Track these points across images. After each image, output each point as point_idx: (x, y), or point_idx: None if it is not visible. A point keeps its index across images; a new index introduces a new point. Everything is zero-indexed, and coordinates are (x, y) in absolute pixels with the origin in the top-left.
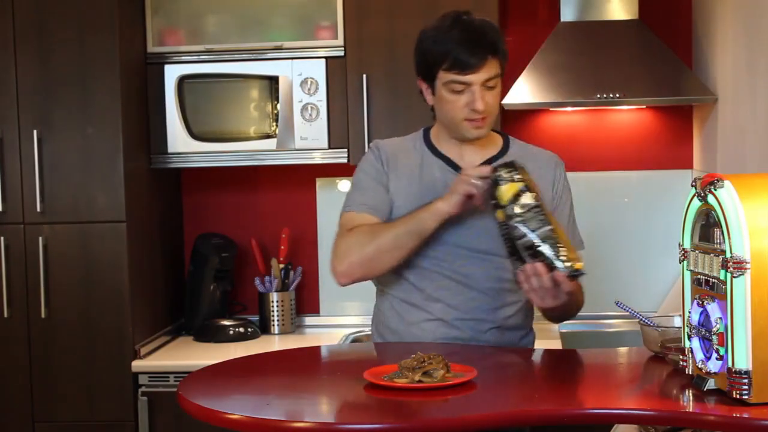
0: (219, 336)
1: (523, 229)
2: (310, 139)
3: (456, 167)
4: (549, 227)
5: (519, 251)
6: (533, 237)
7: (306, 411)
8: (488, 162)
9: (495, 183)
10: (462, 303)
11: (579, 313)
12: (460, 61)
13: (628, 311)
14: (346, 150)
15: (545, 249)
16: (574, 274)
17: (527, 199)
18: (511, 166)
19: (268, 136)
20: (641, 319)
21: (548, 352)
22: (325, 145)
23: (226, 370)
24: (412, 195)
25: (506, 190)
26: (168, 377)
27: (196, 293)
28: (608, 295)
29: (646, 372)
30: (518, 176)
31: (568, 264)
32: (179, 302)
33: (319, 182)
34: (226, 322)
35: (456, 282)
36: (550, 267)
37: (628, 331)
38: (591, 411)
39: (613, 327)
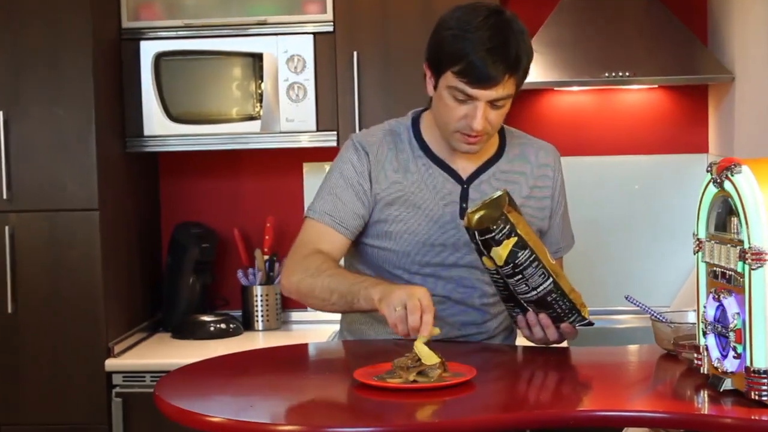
0: (199, 333)
1: (524, 286)
2: (296, 121)
3: (449, 170)
4: (551, 280)
5: (518, 300)
6: (537, 293)
7: (292, 413)
8: (487, 164)
9: (486, 243)
10: (453, 318)
11: None
12: (473, 72)
13: (638, 306)
14: (335, 133)
15: (551, 303)
16: (582, 324)
17: (524, 254)
18: (503, 220)
19: (251, 118)
20: (652, 315)
21: (553, 351)
22: (313, 128)
23: (206, 369)
24: (398, 198)
25: (502, 250)
26: (144, 377)
27: (174, 287)
28: (617, 289)
29: (658, 371)
30: (510, 230)
31: (575, 316)
32: (156, 296)
33: (307, 167)
34: (207, 318)
35: (444, 297)
36: (557, 319)
37: (639, 327)
38: (598, 413)
39: (623, 323)
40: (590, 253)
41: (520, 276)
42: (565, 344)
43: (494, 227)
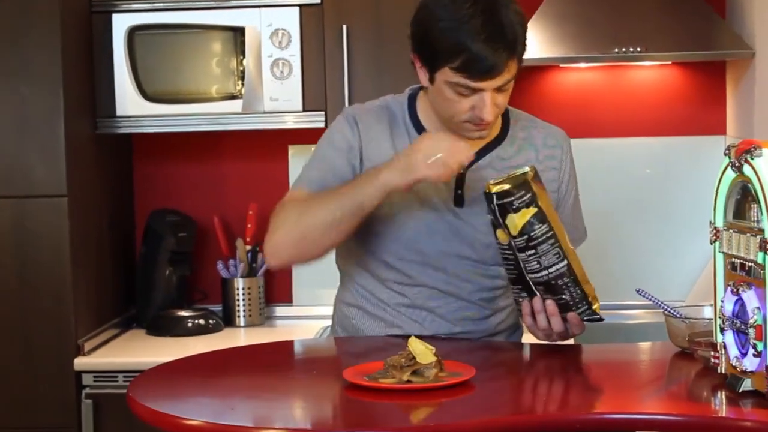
0: (175, 329)
1: (536, 264)
2: (281, 100)
3: None
4: (565, 263)
5: (527, 281)
6: (548, 273)
7: (276, 416)
8: (485, 150)
9: (503, 208)
10: (451, 313)
11: None
12: (474, 66)
13: (650, 300)
14: (323, 113)
15: (561, 288)
16: (591, 319)
17: (542, 228)
18: (525, 187)
19: (232, 97)
20: (666, 310)
21: (558, 348)
22: (299, 108)
23: (183, 368)
24: None
25: (518, 219)
26: (116, 377)
27: (149, 279)
28: (628, 282)
29: (672, 371)
30: (530, 199)
31: (585, 308)
32: (129, 290)
33: (292, 150)
34: (184, 313)
35: (440, 291)
36: (565, 307)
37: (651, 323)
38: (607, 416)
39: (634, 318)
40: (598, 243)
41: (533, 251)
42: (571, 341)
43: (515, 191)
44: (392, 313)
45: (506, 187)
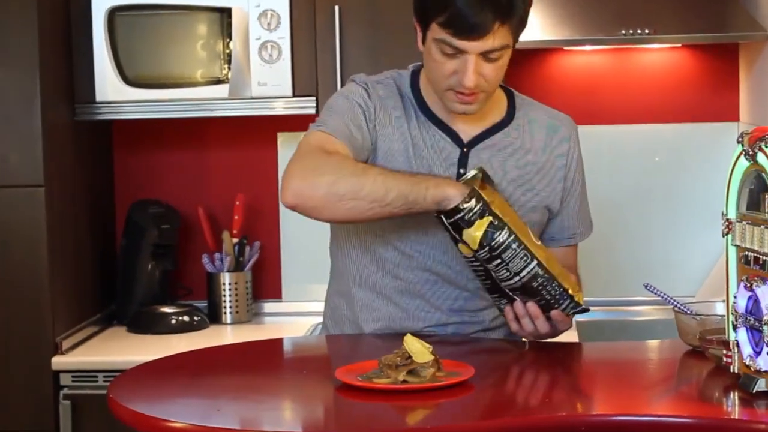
0: (158, 326)
1: (505, 272)
2: (270, 85)
3: (449, 131)
4: (534, 263)
5: (502, 289)
6: (521, 278)
7: (264, 418)
8: (489, 132)
9: (456, 226)
10: (444, 302)
11: (601, 298)
12: (458, 21)
13: (659, 296)
14: (314, 98)
15: (537, 290)
16: (575, 311)
17: (501, 235)
18: (474, 198)
19: (218, 82)
20: (675, 306)
21: (562, 347)
22: (289, 93)
23: (167, 368)
24: (399, 149)
25: (474, 232)
26: (96, 377)
27: (131, 274)
28: (635, 277)
29: (682, 370)
30: (482, 209)
31: (567, 302)
32: (109, 285)
33: (281, 138)
34: (167, 310)
35: (437, 275)
36: (547, 306)
37: (660, 320)
38: (614, 418)
39: (642, 315)
40: (604, 236)
41: (499, 260)
42: (575, 339)
43: (462, 206)
44: (383, 302)
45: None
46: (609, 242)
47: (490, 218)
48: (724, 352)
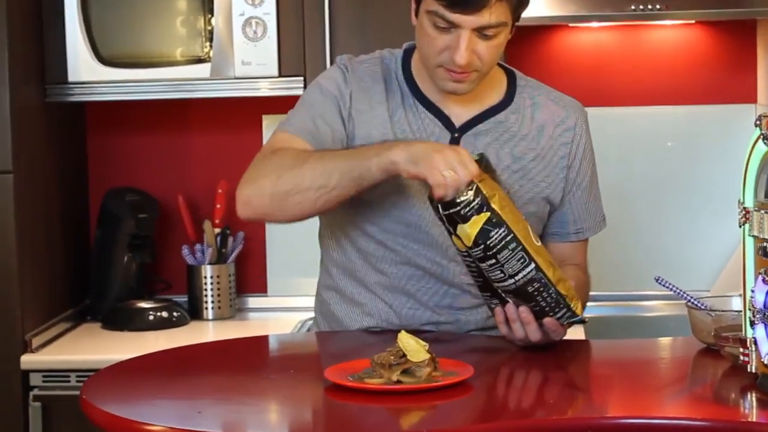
0: (135, 322)
1: (499, 273)
2: (254, 64)
3: (440, 114)
4: (532, 266)
5: (495, 289)
6: (515, 282)
7: (249, 421)
8: (486, 114)
9: (451, 219)
10: (431, 298)
11: (609, 293)
12: None
13: (671, 290)
14: (301, 79)
15: (533, 295)
16: (571, 322)
17: (498, 234)
18: (471, 189)
19: (199, 61)
20: (689, 301)
21: (567, 345)
22: (275, 73)
23: (144, 367)
24: (381, 132)
25: (470, 228)
26: (68, 377)
27: (105, 267)
28: (646, 270)
29: (696, 370)
30: (480, 203)
31: (563, 311)
32: (83, 279)
33: (267, 120)
34: (145, 305)
35: (422, 270)
36: (540, 314)
37: (672, 316)
38: (622, 421)
39: (652, 310)
40: (612, 226)
41: (493, 260)
42: (582, 336)
43: (460, 199)
44: (367, 296)
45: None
46: (617, 233)
47: (488, 215)
48: (741, 350)
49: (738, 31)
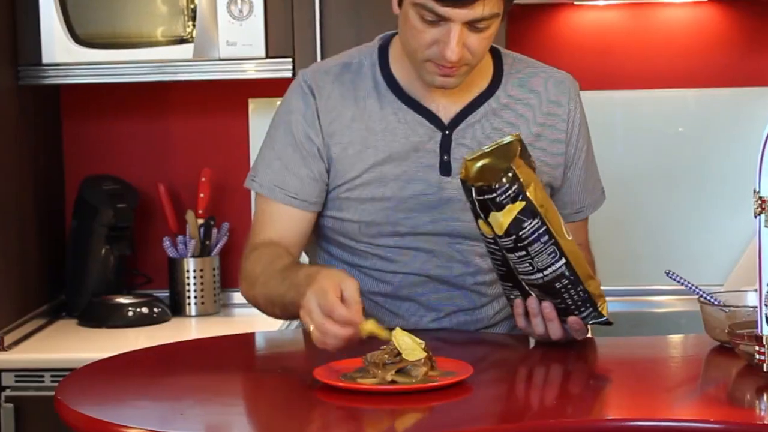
0: (113, 319)
1: (527, 266)
2: (240, 44)
3: (425, 112)
4: (562, 261)
5: (519, 281)
6: (543, 276)
7: (233, 424)
8: (475, 103)
9: (484, 205)
10: (438, 303)
11: (616, 288)
12: None
13: (682, 284)
14: (290, 60)
15: (560, 291)
16: (596, 322)
17: (532, 225)
18: (510, 176)
19: (181, 41)
20: (701, 296)
21: (572, 343)
22: (262, 54)
23: (123, 366)
24: (356, 160)
25: (503, 217)
26: (42, 376)
27: (82, 260)
28: (655, 263)
29: (708, 369)
30: (517, 191)
31: (589, 311)
32: (58, 272)
33: (253, 105)
34: (124, 300)
35: (426, 277)
36: (565, 312)
37: (683, 312)
38: (631, 423)
39: (662, 306)
40: (619, 217)
41: (523, 252)
42: (587, 334)
43: (497, 185)
44: (368, 303)
45: (486, 171)
46: (625, 224)
47: (524, 204)
48: (757, 348)
49: (753, 10)
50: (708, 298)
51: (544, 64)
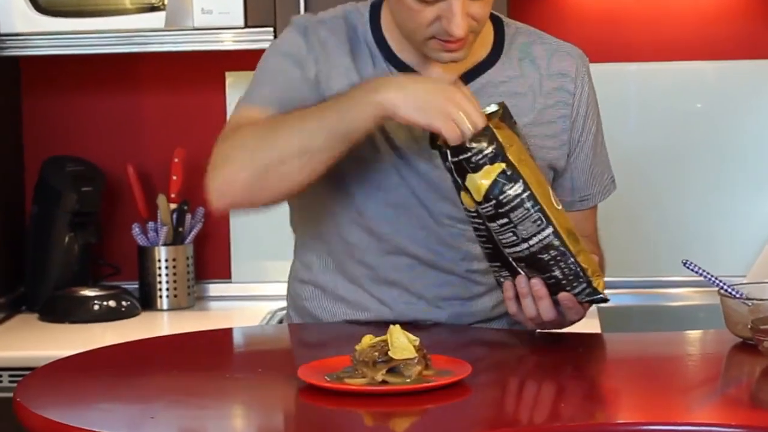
0: (78, 313)
1: (511, 235)
2: (215, 12)
3: None
4: (550, 230)
5: (505, 257)
6: (529, 247)
7: (209, 428)
8: (474, 72)
9: (460, 167)
10: (428, 289)
11: (628, 279)
12: None
13: (701, 275)
14: (270, 30)
15: (548, 264)
16: (591, 300)
17: (513, 189)
18: (486, 136)
19: (152, 9)
20: (722, 288)
21: (579, 339)
22: (240, 23)
23: (88, 364)
24: None
25: (480, 180)
26: (0, 376)
27: (43, 249)
28: (671, 253)
29: (729, 368)
30: (495, 152)
31: (583, 286)
32: (17, 263)
33: (230, 78)
34: (89, 293)
35: (414, 258)
36: (556, 287)
37: (702, 305)
38: (644, 427)
39: (679, 299)
40: (631, 202)
41: (505, 219)
42: (597, 329)
43: (472, 145)
44: (352, 290)
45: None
46: (637, 210)
47: (503, 165)
48: None
49: None
50: (729, 290)
51: (550, 36)
